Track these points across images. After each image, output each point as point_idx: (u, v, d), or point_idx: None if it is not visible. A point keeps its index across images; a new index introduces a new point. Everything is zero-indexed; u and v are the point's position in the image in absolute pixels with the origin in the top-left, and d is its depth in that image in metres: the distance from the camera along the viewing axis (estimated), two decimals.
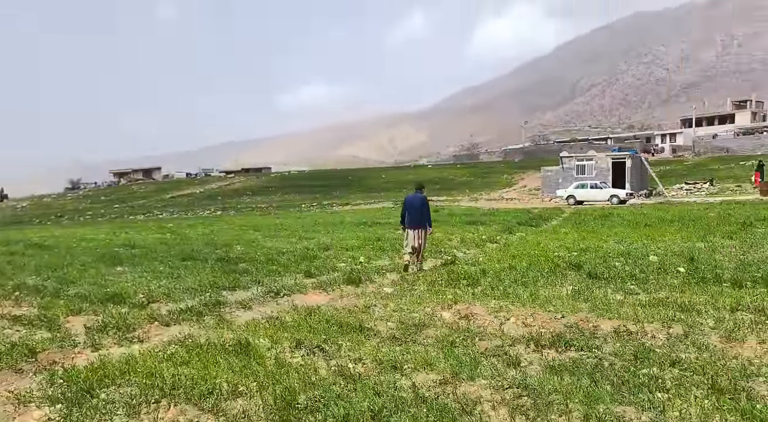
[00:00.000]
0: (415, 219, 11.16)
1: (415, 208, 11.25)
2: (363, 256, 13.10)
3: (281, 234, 19.92)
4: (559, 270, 9.55)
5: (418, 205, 11.28)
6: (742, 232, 13.59)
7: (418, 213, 11.19)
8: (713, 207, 23.48)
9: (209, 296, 8.81)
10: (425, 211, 11.28)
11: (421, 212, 11.21)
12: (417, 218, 11.15)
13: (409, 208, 11.37)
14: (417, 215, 11.17)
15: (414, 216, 11.18)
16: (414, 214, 11.19)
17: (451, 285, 9.01)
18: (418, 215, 11.17)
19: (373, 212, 32.28)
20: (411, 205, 11.37)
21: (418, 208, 11.24)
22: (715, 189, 36.48)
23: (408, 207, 11.42)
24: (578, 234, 15.27)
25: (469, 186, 51.82)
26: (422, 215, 11.20)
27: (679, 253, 10.47)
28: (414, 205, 11.33)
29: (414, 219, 11.17)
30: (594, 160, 36.81)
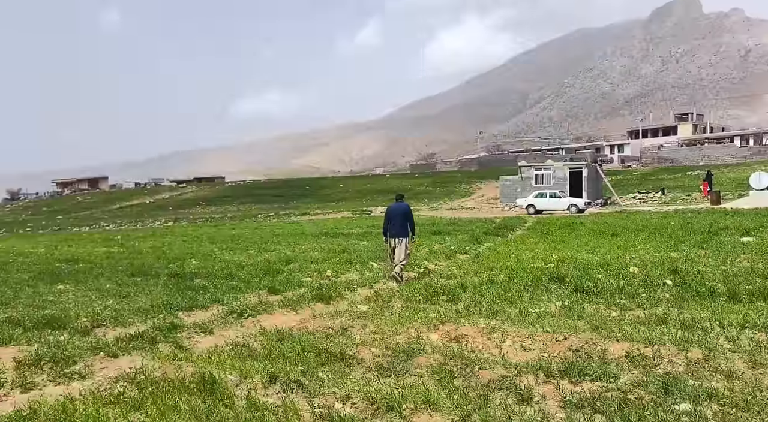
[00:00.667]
0: (398, 228, 11.01)
1: (398, 217, 11.10)
2: (330, 270, 12.34)
3: (239, 246, 18.90)
4: (542, 283, 9.08)
5: (401, 215, 11.13)
6: (710, 241, 13.54)
7: (402, 223, 11.05)
8: (671, 216, 23.80)
9: (163, 318, 7.89)
10: (409, 221, 11.15)
11: (404, 222, 11.07)
12: (400, 228, 11.01)
13: (392, 217, 11.19)
14: (400, 225, 11.03)
15: (397, 226, 11.03)
16: (397, 224, 11.05)
17: (430, 301, 8.38)
18: (401, 225, 11.03)
19: (333, 222, 31.47)
20: (394, 215, 11.19)
21: (401, 217, 11.09)
22: (667, 198, 37.40)
23: (391, 216, 11.23)
24: (548, 245, 14.96)
25: (428, 195, 51.62)
26: (405, 225, 11.06)
27: (658, 264, 10.19)
28: (397, 214, 11.16)
29: (397, 229, 11.01)
30: (552, 169, 37.17)
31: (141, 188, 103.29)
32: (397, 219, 11.07)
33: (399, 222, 11.04)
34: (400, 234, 10.96)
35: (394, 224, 11.08)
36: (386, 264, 11.34)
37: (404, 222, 11.07)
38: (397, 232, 10.98)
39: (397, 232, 10.98)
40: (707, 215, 22.58)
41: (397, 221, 11.06)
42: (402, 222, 11.04)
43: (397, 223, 11.03)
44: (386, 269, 12.05)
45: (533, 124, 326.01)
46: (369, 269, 12.49)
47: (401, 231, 10.99)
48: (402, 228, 11.00)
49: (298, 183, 77.52)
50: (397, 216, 11.12)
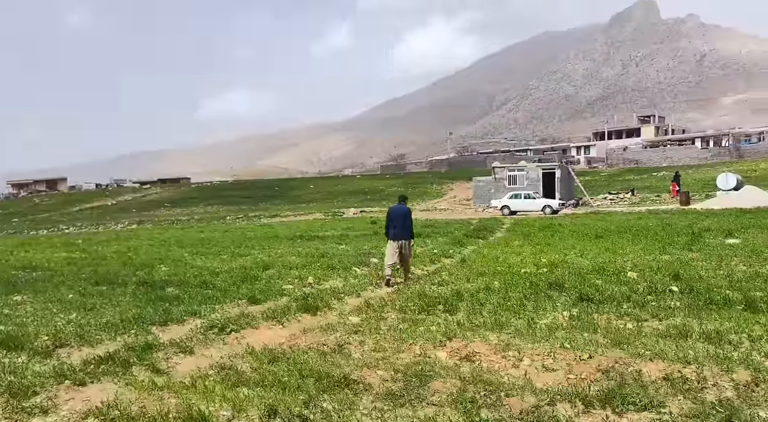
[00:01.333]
0: (400, 231, 11.00)
1: (399, 219, 11.11)
2: (311, 276, 11.69)
3: (211, 251, 18.02)
4: (540, 290, 8.64)
5: (402, 217, 11.13)
6: (696, 244, 13.40)
7: (403, 225, 11.05)
8: (646, 217, 23.89)
9: (135, 335, 7.15)
10: (408, 223, 11.15)
11: (404, 224, 11.07)
12: (401, 230, 11.00)
13: (394, 219, 11.18)
14: (401, 227, 11.03)
15: (398, 228, 11.02)
16: (398, 226, 11.04)
17: (426, 312, 7.84)
18: (402, 227, 11.03)
19: (306, 224, 30.69)
20: (395, 217, 11.19)
21: (402, 219, 11.10)
22: (637, 199, 37.86)
23: (392, 218, 11.22)
24: (534, 248, 14.61)
25: None
26: (406, 227, 11.06)
27: (656, 269, 9.88)
28: (398, 216, 11.16)
29: (398, 231, 11.00)
30: (525, 170, 37.19)
31: (102, 189, 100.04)
32: (398, 222, 11.08)
33: (400, 224, 11.03)
34: (402, 237, 10.96)
35: (396, 226, 11.07)
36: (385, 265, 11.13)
37: (405, 224, 11.06)
38: (399, 234, 10.97)
39: (400, 234, 10.97)
40: (682, 216, 22.71)
41: (398, 223, 11.06)
42: (403, 224, 11.04)
43: (399, 225, 11.03)
44: (374, 273, 11.50)
45: (499, 125, 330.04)
46: (353, 275, 11.89)
47: (403, 233, 10.98)
48: (404, 230, 11.00)
49: (266, 184, 76.16)
50: (398, 218, 11.12)
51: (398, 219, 11.10)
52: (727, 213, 23.17)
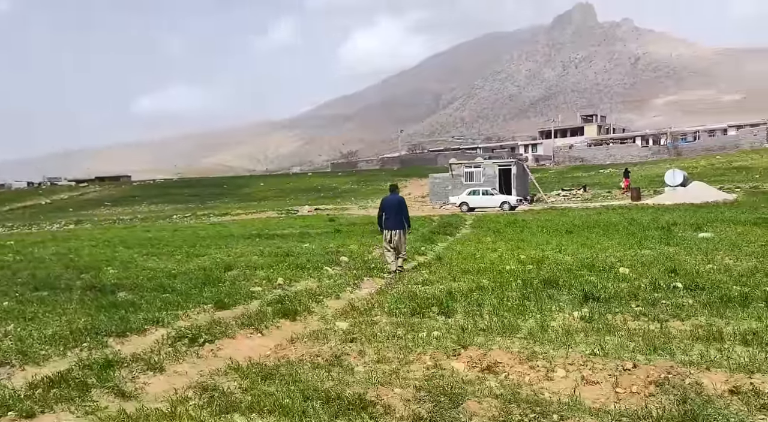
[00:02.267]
0: (394, 220, 11.03)
1: (393, 209, 11.14)
2: (280, 277, 10.79)
3: (162, 251, 16.72)
4: (535, 288, 8.11)
5: (395, 207, 11.17)
6: (670, 238, 13.30)
7: (396, 214, 11.07)
8: (606, 212, 24.08)
9: (90, 349, 6.14)
10: (403, 212, 11.19)
11: (398, 213, 11.09)
12: (395, 220, 11.03)
13: (387, 209, 11.20)
14: (395, 216, 11.05)
15: (392, 217, 11.05)
16: (392, 216, 11.06)
17: (419, 315, 7.16)
18: (396, 216, 11.05)
19: (261, 223, 29.47)
20: (389, 207, 11.21)
21: (396, 209, 11.13)
22: (589, 195, 38.54)
23: (386, 208, 11.24)
24: (507, 244, 14.20)
25: (354, 193, 50.41)
26: (400, 216, 11.09)
27: (647, 264, 9.57)
28: (392, 206, 11.20)
29: (392, 220, 11.03)
30: (482, 167, 37.17)
31: (35, 188, 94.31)
32: (392, 212, 11.08)
33: (394, 215, 11.03)
34: (396, 227, 10.96)
35: (389, 217, 11.06)
36: (381, 256, 11.46)
37: (399, 214, 11.04)
38: (393, 225, 10.96)
39: (394, 225, 10.96)
40: (642, 211, 22.98)
41: (392, 213, 11.06)
42: (397, 215, 11.03)
43: (392, 216, 11.03)
44: (348, 273, 10.75)
45: (446, 124, 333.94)
46: (326, 275, 11.07)
47: (397, 223, 10.98)
48: (398, 221, 11.00)
49: (213, 181, 73.67)
50: (392, 208, 11.13)
51: (392, 209, 11.08)
52: (682, 208, 23.65)
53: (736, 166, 44.72)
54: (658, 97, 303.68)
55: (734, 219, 16.41)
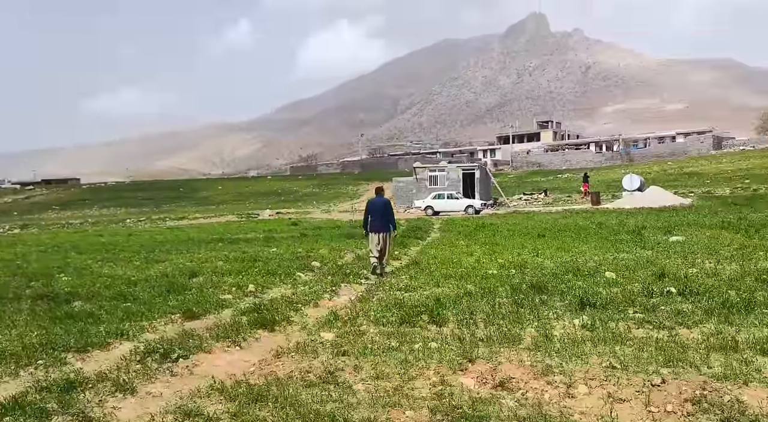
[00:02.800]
0: (379, 222, 11.08)
1: (379, 211, 11.18)
2: (251, 283, 10.19)
3: (119, 257, 15.75)
4: (526, 294, 7.82)
5: (381, 209, 11.21)
6: (643, 242, 13.33)
7: (382, 216, 11.13)
8: (571, 216, 24.30)
9: (46, 367, 5.48)
10: (389, 214, 11.24)
11: (384, 215, 11.14)
12: (381, 222, 11.09)
13: (373, 211, 11.23)
14: (380, 219, 11.11)
15: (378, 219, 11.11)
16: (377, 218, 11.12)
17: (409, 324, 6.74)
18: (381, 219, 11.11)
19: (222, 227, 28.48)
20: (374, 209, 11.24)
21: (381, 211, 11.18)
22: (550, 199, 39.07)
23: (371, 211, 11.27)
24: (482, 248, 13.96)
25: (315, 197, 49.66)
26: (386, 218, 11.15)
27: (630, 267, 9.44)
28: (377, 208, 11.24)
29: (378, 222, 11.09)
30: (446, 170, 37.14)
31: None
32: (378, 214, 11.12)
33: (380, 217, 11.09)
34: (381, 229, 11.02)
35: (375, 219, 11.12)
36: (367, 258, 11.49)
37: (384, 216, 11.10)
38: (378, 227, 11.02)
39: (379, 227, 11.02)
40: (606, 215, 23.25)
41: (378, 215, 11.11)
42: (383, 217, 11.10)
43: (378, 218, 11.09)
44: (322, 279, 10.24)
45: (405, 128, 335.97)
46: (299, 281, 10.53)
47: (382, 225, 11.04)
48: (383, 223, 11.06)
49: (168, 185, 71.40)
50: (378, 210, 11.16)
51: (378, 212, 11.12)
52: (644, 212, 24.07)
53: (688, 172, 46.27)
54: (608, 105, 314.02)
55: (699, 223, 16.69)
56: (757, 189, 34.46)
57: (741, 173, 42.10)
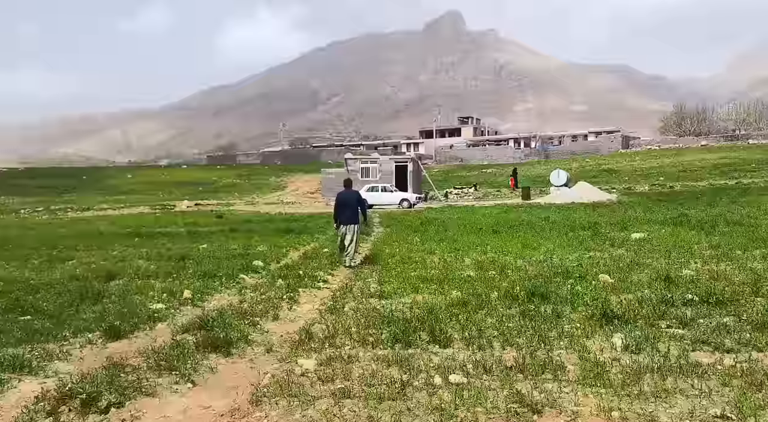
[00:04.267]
0: (350, 215, 11.06)
1: (350, 204, 11.17)
2: (186, 289, 8.48)
3: (14, 255, 13.24)
4: (525, 302, 6.76)
5: (353, 202, 11.22)
6: (607, 239, 12.79)
7: (353, 209, 11.14)
8: (510, 210, 23.91)
9: None
10: (361, 207, 11.28)
11: (355, 208, 11.17)
12: (351, 214, 11.07)
13: (343, 205, 11.20)
14: (351, 211, 11.11)
15: (348, 212, 11.10)
16: (348, 211, 11.10)
17: (403, 343, 5.45)
18: (352, 211, 11.12)
19: (135, 219, 25.72)
20: (345, 203, 11.20)
21: (353, 204, 11.19)
22: (480, 194, 39.00)
23: (342, 204, 11.23)
24: (440, 245, 12.89)
25: (237, 189, 46.92)
26: (357, 211, 11.17)
27: (622, 269, 8.65)
28: (349, 201, 11.21)
29: (348, 215, 11.06)
30: (378, 162, 35.99)
31: None
32: (349, 206, 11.10)
33: (350, 210, 11.07)
34: (352, 221, 11.01)
35: (345, 211, 11.07)
36: (338, 253, 11.38)
37: (355, 209, 11.12)
38: (349, 219, 11.01)
39: (350, 219, 11.01)
40: (545, 210, 23.01)
41: (349, 208, 11.09)
42: (354, 209, 11.10)
43: (349, 210, 11.07)
44: (273, 283, 8.70)
45: (325, 120, 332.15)
46: (247, 286, 8.93)
47: (353, 218, 11.05)
48: (354, 215, 11.06)
49: (70, 172, 65.32)
50: (348, 203, 11.13)
51: (349, 205, 11.09)
52: (580, 207, 24.11)
53: (605, 169, 48.00)
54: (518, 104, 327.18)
55: (650, 219, 16.55)
56: (673, 186, 36.05)
57: (654, 171, 44.15)
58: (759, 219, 15.14)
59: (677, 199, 27.30)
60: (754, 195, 27.05)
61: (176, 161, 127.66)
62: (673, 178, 39.19)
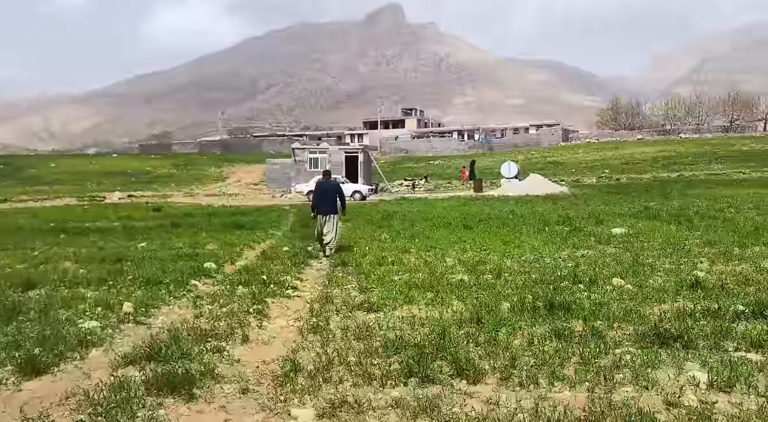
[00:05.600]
0: (329, 205, 10.97)
1: (329, 194, 11.08)
2: (126, 300, 6.94)
3: None
4: (545, 316, 5.72)
5: (331, 192, 11.12)
6: (589, 234, 12.05)
7: (332, 199, 11.05)
8: (470, 202, 23.17)
9: None
10: (340, 197, 11.18)
11: (334, 198, 11.08)
12: (330, 204, 10.98)
13: (322, 195, 11.11)
14: (330, 201, 11.02)
15: (327, 202, 11.01)
16: (327, 201, 11.02)
17: (420, 377, 4.27)
18: (331, 201, 11.03)
19: (59, 212, 23.21)
20: (324, 192, 11.13)
21: (332, 194, 11.09)
22: (432, 185, 38.27)
23: (320, 193, 11.15)
24: (412, 242, 11.77)
25: (174, 179, 44.12)
26: (335, 201, 11.09)
27: (637, 272, 7.78)
28: (327, 191, 11.13)
29: (327, 205, 10.96)
30: (327, 153, 34.45)
31: None
32: (328, 196, 11.01)
33: (330, 199, 10.99)
34: (331, 211, 10.90)
35: (325, 201, 10.98)
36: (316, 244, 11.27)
37: (333, 199, 11.03)
38: (328, 209, 10.89)
39: (329, 209, 10.90)
40: (505, 203, 22.38)
41: (328, 198, 11.00)
42: (333, 199, 11.02)
43: (328, 200, 10.98)
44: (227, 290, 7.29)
45: (263, 110, 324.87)
46: (200, 295, 7.46)
47: (332, 207, 10.95)
48: (333, 205, 10.98)
49: None
50: (327, 193, 11.04)
51: (329, 194, 11.01)
52: (540, 200, 23.68)
53: (551, 161, 48.49)
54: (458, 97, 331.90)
55: (618, 213, 16.07)
56: (619, 178, 36.58)
57: (598, 163, 44.90)
58: (727, 212, 14.93)
59: (628, 191, 27.44)
60: (701, 187, 27.57)
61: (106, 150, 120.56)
62: (618, 171, 39.86)
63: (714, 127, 77.61)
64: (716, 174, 35.14)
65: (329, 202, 10.95)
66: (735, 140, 54.37)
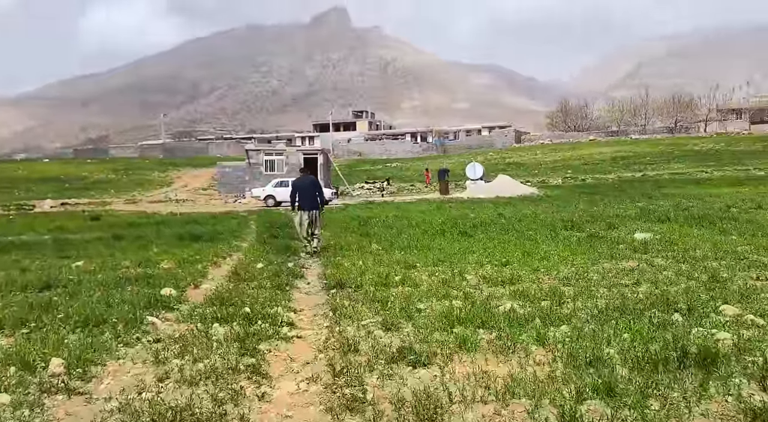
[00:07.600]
0: (310, 201, 10.98)
1: (307, 190, 11.10)
2: (54, 353, 4.79)
3: None
4: (695, 376, 4.02)
5: (309, 187, 11.15)
6: (610, 241, 10.59)
7: (311, 195, 11.06)
8: (443, 206, 21.57)
9: None
10: (319, 193, 11.19)
11: (314, 194, 11.08)
12: (310, 200, 11.00)
13: (301, 190, 11.10)
14: (310, 197, 11.03)
15: (307, 198, 11.01)
16: (307, 197, 11.03)
17: None
18: (311, 197, 11.03)
19: None
20: (302, 188, 11.13)
21: (311, 190, 11.12)
22: (394, 188, 36.57)
23: (299, 189, 11.12)
24: (415, 255, 9.94)
25: (112, 185, 40.58)
26: (316, 197, 11.07)
27: (724, 292, 6.23)
28: (305, 187, 11.15)
29: (308, 201, 10.98)
30: (284, 154, 32.14)
31: None
32: (307, 192, 11.04)
33: (309, 195, 11.01)
34: (312, 207, 10.92)
35: (305, 197, 11.00)
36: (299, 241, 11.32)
37: (313, 194, 11.03)
38: (309, 205, 10.92)
39: (310, 205, 10.92)
40: (479, 206, 20.91)
41: (308, 194, 11.02)
42: (312, 195, 11.02)
43: (308, 196, 10.99)
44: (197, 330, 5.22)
45: (208, 113, 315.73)
46: (160, 338, 5.36)
47: (313, 203, 10.96)
48: (313, 201, 10.98)
49: None
50: (307, 189, 11.09)
51: (307, 191, 11.03)
52: (520, 201, 22.39)
53: (511, 162, 47.81)
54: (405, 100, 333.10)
55: (617, 215, 14.78)
56: (584, 179, 36.01)
57: (559, 164, 44.47)
58: (736, 212, 13.91)
59: (598, 192, 26.62)
60: (671, 187, 27.09)
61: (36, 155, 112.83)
62: (581, 171, 39.40)
63: (658, 128, 79.73)
64: (679, 173, 35.10)
65: (310, 197, 10.94)
66: (685, 140, 55.45)
